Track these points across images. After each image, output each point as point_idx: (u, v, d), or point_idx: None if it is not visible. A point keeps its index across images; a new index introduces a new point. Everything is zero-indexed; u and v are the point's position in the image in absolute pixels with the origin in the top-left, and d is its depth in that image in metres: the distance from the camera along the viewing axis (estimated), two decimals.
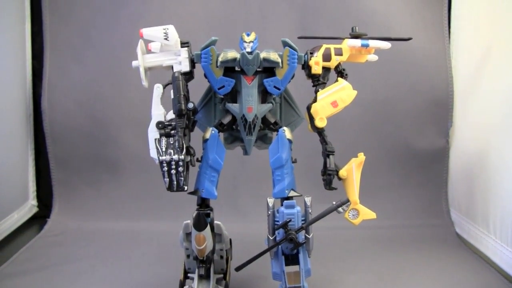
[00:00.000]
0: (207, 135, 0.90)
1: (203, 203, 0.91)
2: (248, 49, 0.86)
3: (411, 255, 1.24)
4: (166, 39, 0.86)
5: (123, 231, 1.41)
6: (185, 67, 0.88)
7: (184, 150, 0.82)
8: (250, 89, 0.87)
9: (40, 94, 1.54)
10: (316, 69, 0.90)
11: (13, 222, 1.43)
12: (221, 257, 0.96)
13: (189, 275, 0.96)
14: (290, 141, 0.90)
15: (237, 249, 1.07)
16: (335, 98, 0.88)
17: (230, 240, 1.02)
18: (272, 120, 0.92)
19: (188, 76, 0.89)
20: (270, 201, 0.89)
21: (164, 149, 0.82)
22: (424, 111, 1.52)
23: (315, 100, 0.88)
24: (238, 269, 0.88)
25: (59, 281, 1.10)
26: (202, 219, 0.87)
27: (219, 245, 0.95)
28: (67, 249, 1.29)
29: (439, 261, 1.21)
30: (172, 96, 0.85)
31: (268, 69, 0.88)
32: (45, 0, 1.51)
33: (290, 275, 0.89)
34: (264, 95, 0.91)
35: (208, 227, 0.88)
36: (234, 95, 0.90)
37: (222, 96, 0.91)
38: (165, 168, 0.82)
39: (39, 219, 1.53)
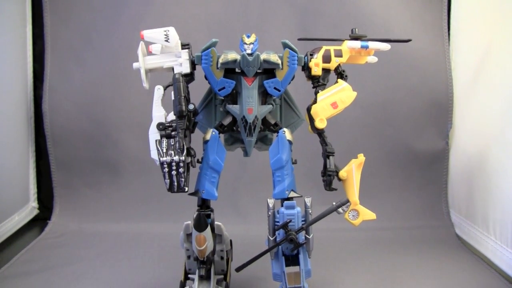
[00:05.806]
0: (208, 136, 0.90)
1: (204, 204, 0.92)
2: (249, 51, 0.87)
3: (411, 257, 1.24)
4: (166, 41, 0.86)
5: (123, 233, 1.41)
6: (186, 69, 0.88)
7: (185, 151, 0.82)
8: (250, 90, 0.88)
9: (41, 97, 1.54)
10: (316, 71, 0.90)
11: (14, 224, 1.43)
12: (222, 258, 0.96)
13: (189, 276, 0.97)
14: (290, 142, 0.90)
15: (237, 250, 1.07)
16: (335, 99, 0.88)
17: (231, 241, 1.02)
18: (272, 121, 0.92)
19: (189, 77, 0.89)
20: (271, 202, 0.89)
21: (164, 150, 0.83)
22: (424, 112, 1.52)
23: (315, 101, 0.89)
24: (238, 269, 0.89)
25: (59, 282, 1.11)
26: (203, 220, 0.87)
27: (220, 246, 0.95)
28: (68, 251, 1.30)
29: (439, 262, 1.21)
30: (172, 98, 0.85)
31: (268, 71, 0.88)
32: (46, 3, 1.52)
33: (291, 275, 0.89)
34: (264, 96, 0.91)
35: (209, 228, 0.88)
36: (234, 97, 0.90)
37: (223, 98, 0.91)
38: (166, 169, 0.82)
39: (40, 221, 1.54)
